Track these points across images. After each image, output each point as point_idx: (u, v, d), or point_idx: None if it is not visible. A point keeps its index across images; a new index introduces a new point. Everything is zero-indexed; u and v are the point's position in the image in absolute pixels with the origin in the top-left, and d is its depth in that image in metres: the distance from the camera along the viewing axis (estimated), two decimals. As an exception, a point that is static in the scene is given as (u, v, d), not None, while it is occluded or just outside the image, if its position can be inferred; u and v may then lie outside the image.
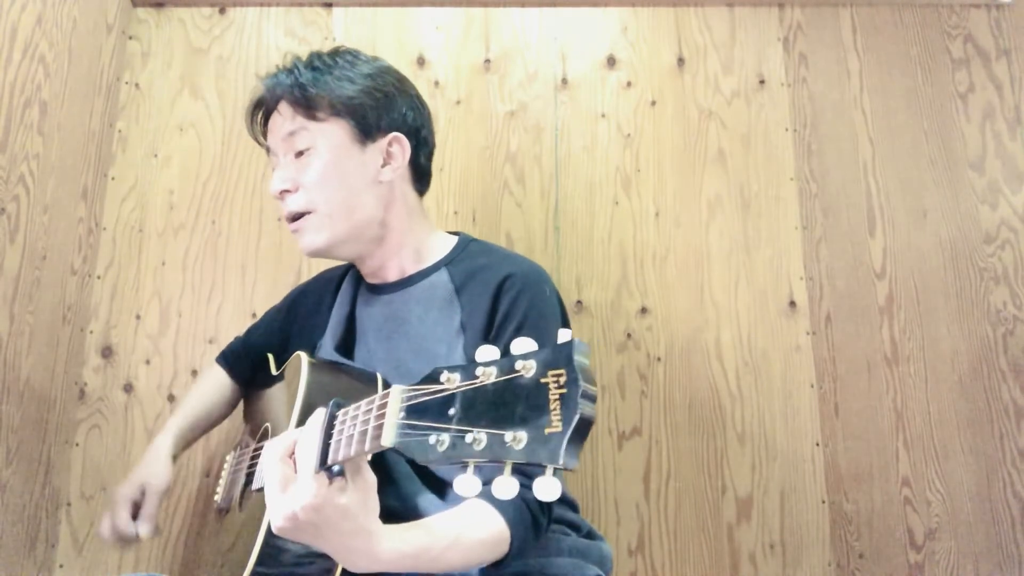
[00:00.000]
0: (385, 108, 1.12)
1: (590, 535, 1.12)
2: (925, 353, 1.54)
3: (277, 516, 0.72)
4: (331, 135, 1.09)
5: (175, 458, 1.24)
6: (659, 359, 1.54)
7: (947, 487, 1.49)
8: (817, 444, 1.50)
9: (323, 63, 1.12)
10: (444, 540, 0.83)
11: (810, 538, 1.47)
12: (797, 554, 1.46)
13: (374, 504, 0.75)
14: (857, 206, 1.61)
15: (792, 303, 1.57)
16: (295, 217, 1.11)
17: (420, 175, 1.18)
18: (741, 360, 1.54)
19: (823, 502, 1.48)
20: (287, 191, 1.10)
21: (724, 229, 1.60)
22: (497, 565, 0.90)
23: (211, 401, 1.32)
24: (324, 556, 0.90)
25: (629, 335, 1.55)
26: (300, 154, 1.10)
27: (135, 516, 1.17)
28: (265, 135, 1.17)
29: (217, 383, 1.34)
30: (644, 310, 1.57)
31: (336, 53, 1.14)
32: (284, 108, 1.11)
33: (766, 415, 1.52)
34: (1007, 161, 1.63)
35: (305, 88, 1.09)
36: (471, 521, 0.87)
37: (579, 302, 1.57)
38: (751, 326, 1.56)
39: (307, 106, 1.09)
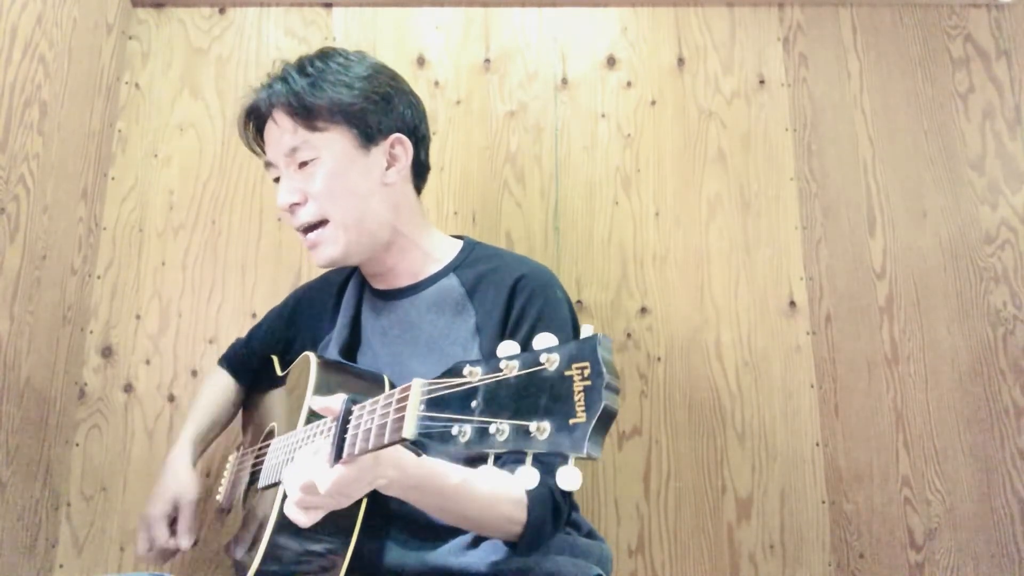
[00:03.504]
0: (384, 110, 1.10)
1: (590, 535, 1.13)
2: (925, 353, 1.54)
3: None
4: (334, 144, 1.07)
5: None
6: (659, 359, 1.54)
7: (947, 487, 1.49)
8: (817, 444, 1.50)
9: (316, 68, 1.09)
10: (465, 480, 0.88)
11: (810, 538, 1.47)
12: (797, 554, 1.46)
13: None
14: (857, 206, 1.61)
15: (792, 303, 1.57)
16: (308, 229, 1.10)
17: (420, 172, 1.18)
18: (741, 360, 1.54)
19: (823, 502, 1.48)
20: (296, 204, 1.08)
21: (724, 229, 1.60)
22: (516, 544, 0.92)
23: (219, 407, 1.33)
24: (327, 555, 0.91)
25: (629, 335, 1.55)
26: (303, 164, 1.08)
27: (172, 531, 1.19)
28: (260, 145, 1.15)
29: (222, 387, 1.34)
30: (644, 310, 1.57)
31: (326, 56, 1.11)
32: (281, 119, 1.09)
33: (766, 415, 1.52)
34: (1007, 161, 1.63)
35: (302, 97, 1.06)
36: (494, 477, 0.91)
37: (579, 302, 1.57)
38: (751, 326, 1.56)
39: (306, 116, 1.07)
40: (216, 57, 1.68)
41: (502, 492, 0.91)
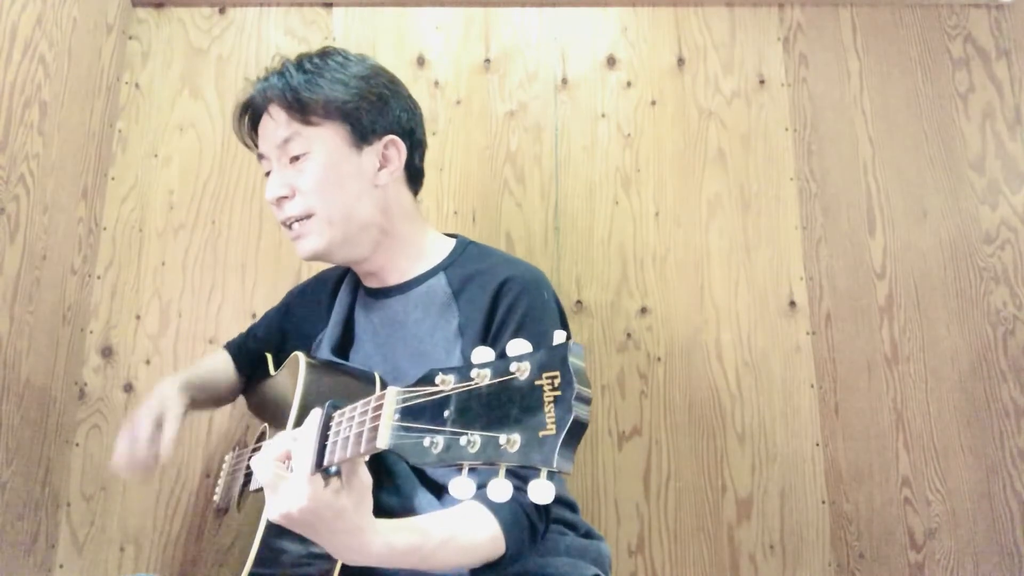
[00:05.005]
0: (380, 111, 1.10)
1: (588, 535, 1.12)
2: (925, 353, 1.54)
3: (273, 513, 0.74)
4: (327, 140, 1.07)
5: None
6: (659, 359, 1.54)
7: (947, 487, 1.48)
8: (817, 444, 1.50)
9: (314, 65, 1.09)
10: (436, 539, 0.83)
11: (810, 538, 1.47)
12: (797, 554, 1.46)
13: (368, 503, 0.75)
14: (857, 206, 1.61)
15: (792, 303, 1.57)
16: (292, 222, 1.09)
17: (414, 176, 1.17)
18: (741, 360, 1.54)
19: (823, 502, 1.48)
20: (284, 197, 1.08)
21: (724, 229, 1.60)
22: (494, 567, 0.90)
23: (220, 375, 1.31)
24: (322, 557, 0.91)
25: (629, 335, 1.55)
26: (295, 159, 1.08)
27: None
28: (254, 139, 1.16)
29: (222, 362, 1.33)
30: (644, 310, 1.57)
31: (326, 54, 1.12)
32: (276, 112, 1.09)
33: (766, 415, 1.52)
34: (1007, 161, 1.63)
35: (298, 92, 1.07)
36: (465, 522, 0.87)
37: (579, 302, 1.57)
38: (751, 326, 1.56)
39: (301, 110, 1.07)
40: (216, 57, 1.68)
41: (473, 541, 0.87)
